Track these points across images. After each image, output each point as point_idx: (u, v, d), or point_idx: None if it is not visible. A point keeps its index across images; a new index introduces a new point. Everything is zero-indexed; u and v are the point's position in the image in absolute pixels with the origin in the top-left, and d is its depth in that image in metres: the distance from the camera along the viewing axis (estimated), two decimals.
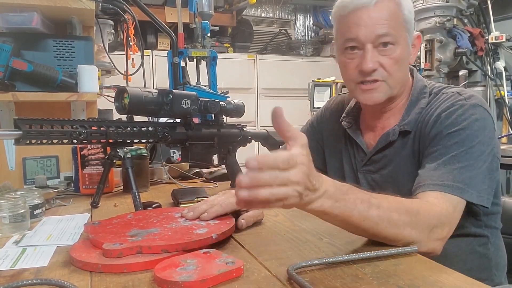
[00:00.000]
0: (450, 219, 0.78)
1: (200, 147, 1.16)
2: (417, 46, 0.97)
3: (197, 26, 1.33)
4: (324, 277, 0.61)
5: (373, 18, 0.87)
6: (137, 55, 1.80)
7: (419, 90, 0.96)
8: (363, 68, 0.89)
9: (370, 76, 0.90)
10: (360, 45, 0.90)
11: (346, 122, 1.06)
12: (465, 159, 0.82)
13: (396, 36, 0.88)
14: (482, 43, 2.87)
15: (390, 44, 0.89)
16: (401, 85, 0.95)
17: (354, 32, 0.89)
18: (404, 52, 0.91)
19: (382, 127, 1.00)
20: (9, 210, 0.87)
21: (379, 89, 0.91)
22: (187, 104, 1.05)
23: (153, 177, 1.48)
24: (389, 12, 0.88)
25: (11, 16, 1.37)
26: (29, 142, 0.84)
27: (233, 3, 3.72)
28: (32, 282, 0.59)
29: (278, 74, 3.82)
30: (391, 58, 0.89)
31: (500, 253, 0.98)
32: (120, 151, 1.01)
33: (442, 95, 0.93)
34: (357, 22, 0.89)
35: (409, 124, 0.93)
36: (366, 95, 0.93)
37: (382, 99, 0.93)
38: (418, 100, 0.95)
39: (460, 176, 0.81)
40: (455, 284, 0.58)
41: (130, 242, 0.68)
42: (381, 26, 0.87)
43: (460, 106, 0.87)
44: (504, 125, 3.00)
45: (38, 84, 1.39)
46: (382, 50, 0.89)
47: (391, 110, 0.98)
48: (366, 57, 0.89)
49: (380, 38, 0.88)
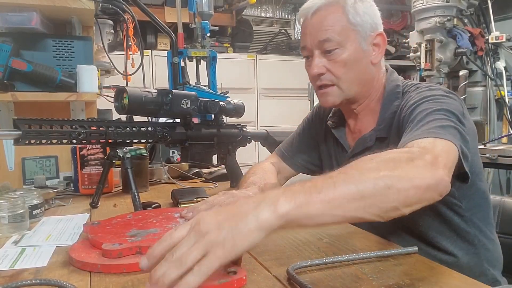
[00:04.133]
0: (429, 150, 0.67)
1: (200, 147, 1.16)
2: (381, 45, 0.96)
3: (196, 26, 1.33)
4: (324, 277, 0.61)
5: (314, 25, 0.92)
6: (137, 55, 1.80)
7: (390, 92, 0.96)
8: (310, 73, 0.95)
9: (320, 81, 0.95)
10: (310, 53, 0.95)
11: (331, 121, 1.08)
12: (432, 117, 0.77)
13: (341, 40, 0.91)
14: (482, 43, 2.87)
15: (335, 49, 0.92)
16: (359, 85, 0.95)
17: (303, 41, 0.96)
18: (354, 53, 0.92)
19: (359, 129, 1.01)
20: (8, 210, 0.86)
21: (331, 93, 0.95)
22: (186, 104, 1.05)
23: (152, 177, 1.48)
24: (330, 18, 0.91)
25: (10, 16, 1.37)
26: (28, 142, 0.84)
27: (233, 3, 3.71)
28: (31, 282, 0.59)
29: (278, 74, 3.82)
30: (337, 62, 0.92)
31: (493, 251, 0.96)
32: (119, 151, 1.01)
33: (410, 93, 0.91)
34: (304, 31, 0.95)
35: (385, 129, 0.94)
36: (321, 99, 0.98)
37: (337, 101, 0.96)
38: (391, 102, 0.95)
39: (432, 128, 0.74)
40: (455, 284, 0.58)
41: (129, 243, 0.68)
42: (322, 32, 0.91)
43: (416, 88, 0.91)
44: (504, 125, 3.00)
45: (37, 84, 1.39)
46: (328, 55, 0.93)
47: (363, 111, 1.00)
48: (312, 62, 0.94)
49: (322, 44, 0.92)
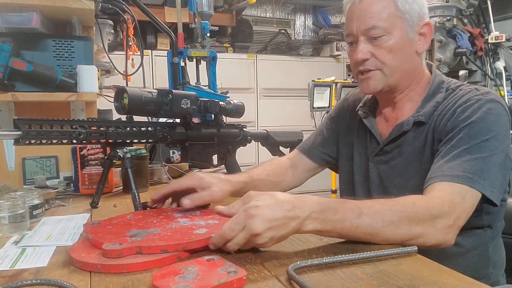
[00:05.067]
0: (456, 208, 0.76)
1: (200, 147, 1.16)
2: (427, 34, 0.97)
3: (196, 26, 1.33)
4: (324, 277, 0.61)
5: (362, 11, 0.93)
6: (137, 55, 1.80)
7: (436, 85, 0.98)
8: (354, 58, 0.96)
9: (363, 66, 0.96)
10: (355, 39, 0.96)
11: (362, 111, 1.07)
12: (478, 151, 0.82)
13: (388, 27, 0.92)
14: (482, 43, 2.88)
15: (382, 36, 0.92)
16: (402, 73, 0.96)
17: (349, 27, 0.96)
18: (400, 41, 0.93)
19: (396, 117, 1.01)
20: (8, 210, 0.86)
21: (374, 78, 0.96)
22: (186, 104, 1.05)
23: (152, 177, 1.48)
24: (378, 4, 0.92)
25: (10, 16, 1.37)
26: (29, 142, 0.84)
27: (232, 3, 3.71)
28: (31, 282, 0.59)
29: (278, 74, 3.82)
30: (384, 48, 0.93)
31: (499, 252, 0.97)
32: (119, 151, 1.01)
33: (460, 91, 0.94)
34: (351, 17, 0.95)
35: (424, 115, 0.94)
36: (363, 84, 0.99)
37: (379, 87, 0.96)
38: (435, 94, 0.96)
39: (471, 168, 0.80)
40: (455, 284, 0.58)
41: (129, 242, 0.68)
42: (370, 20, 0.92)
43: (476, 101, 0.88)
44: None
45: (37, 84, 1.39)
46: (374, 41, 0.93)
47: (402, 100, 1.00)
48: (356, 48, 0.95)
49: (369, 31, 0.92)
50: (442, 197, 0.77)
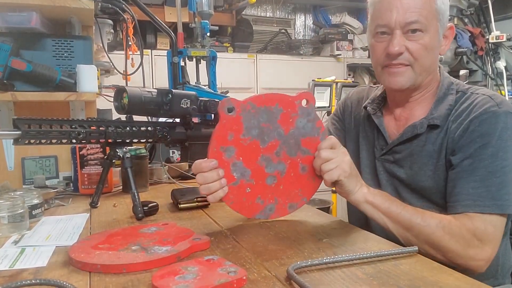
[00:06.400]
0: (491, 238, 0.81)
1: (200, 147, 1.16)
2: (449, 38, 0.97)
3: (196, 25, 1.32)
4: (324, 277, 0.60)
5: (404, 4, 0.90)
6: (137, 55, 1.80)
7: (446, 87, 0.97)
8: (390, 50, 0.92)
9: (396, 60, 0.92)
10: (390, 30, 0.92)
11: (371, 108, 1.06)
12: (501, 173, 0.84)
13: (426, 24, 0.90)
14: (483, 42, 2.87)
15: (419, 31, 0.90)
16: (427, 73, 0.95)
17: (385, 18, 0.92)
18: (433, 40, 0.92)
19: (406, 117, 1.00)
20: (8, 210, 0.86)
21: (404, 74, 0.93)
22: (186, 104, 1.05)
23: (152, 177, 1.48)
24: (421, 0, 0.90)
25: (10, 16, 1.36)
26: (28, 142, 0.84)
27: (232, 3, 3.71)
28: (31, 282, 0.59)
29: (278, 74, 3.82)
30: (419, 44, 0.91)
31: (507, 253, 0.98)
32: (119, 151, 1.01)
33: (472, 96, 0.93)
34: (389, 7, 0.91)
35: (439, 118, 0.93)
36: (391, 78, 0.95)
37: (407, 84, 0.94)
38: (446, 96, 0.96)
39: (498, 193, 0.83)
40: (455, 284, 0.58)
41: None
42: (411, 14, 0.89)
43: (492, 114, 0.87)
44: None
45: (37, 84, 1.39)
46: (410, 35, 0.91)
47: (415, 100, 0.99)
48: (393, 40, 0.91)
49: (409, 25, 0.90)
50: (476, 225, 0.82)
